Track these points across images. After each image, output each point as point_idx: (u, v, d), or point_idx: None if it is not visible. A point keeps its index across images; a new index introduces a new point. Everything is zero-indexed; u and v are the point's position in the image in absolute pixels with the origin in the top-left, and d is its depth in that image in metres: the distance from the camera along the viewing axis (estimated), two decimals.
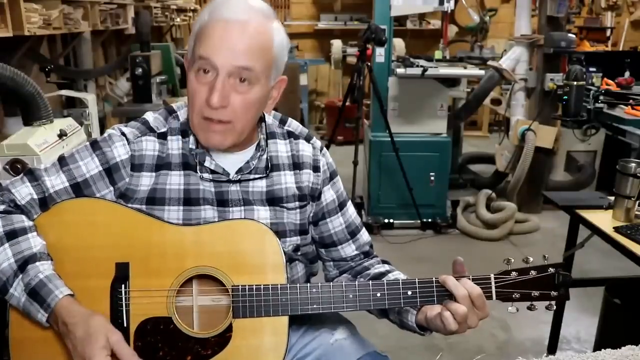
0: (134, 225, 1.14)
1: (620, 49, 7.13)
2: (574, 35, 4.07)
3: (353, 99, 3.73)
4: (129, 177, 1.17)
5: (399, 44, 5.07)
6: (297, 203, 1.25)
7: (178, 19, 5.73)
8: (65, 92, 2.81)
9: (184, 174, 1.18)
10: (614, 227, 1.90)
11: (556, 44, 3.91)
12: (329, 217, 1.31)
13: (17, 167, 1.79)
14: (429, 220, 3.94)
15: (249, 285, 1.11)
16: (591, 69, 4.21)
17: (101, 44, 4.43)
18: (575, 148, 4.32)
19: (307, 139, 1.30)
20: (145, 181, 1.17)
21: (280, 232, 1.21)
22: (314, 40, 7.47)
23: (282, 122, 1.30)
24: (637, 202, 1.95)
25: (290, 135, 1.29)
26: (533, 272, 1.13)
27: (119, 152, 1.17)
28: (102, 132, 2.55)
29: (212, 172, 1.19)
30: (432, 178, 3.89)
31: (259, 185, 1.22)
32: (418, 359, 2.51)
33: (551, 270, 1.13)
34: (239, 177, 1.20)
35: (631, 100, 3.80)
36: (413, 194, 3.73)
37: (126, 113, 3.33)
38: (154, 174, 1.18)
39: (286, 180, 1.24)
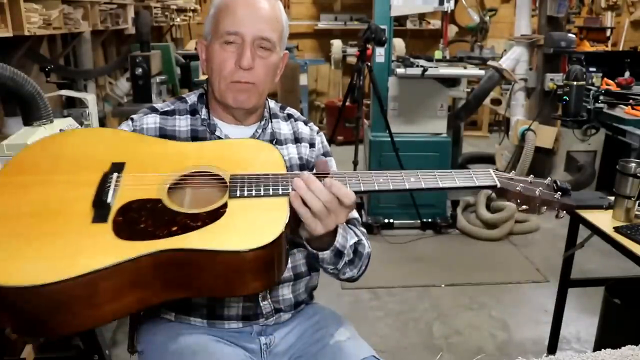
0: (137, 139, 1.20)
1: (620, 49, 7.14)
2: (574, 35, 4.08)
3: (353, 99, 3.73)
4: None
5: (399, 44, 5.07)
6: (299, 172, 1.28)
7: (178, 19, 5.73)
8: (65, 92, 2.80)
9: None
10: (614, 227, 1.90)
11: (556, 44, 3.92)
12: None
13: None
14: (429, 220, 3.94)
15: (248, 174, 1.10)
16: (591, 69, 4.22)
17: (101, 44, 4.43)
18: (575, 148, 4.32)
19: (305, 123, 1.43)
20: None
21: None
22: (314, 40, 7.46)
23: (282, 108, 1.43)
24: (637, 202, 1.95)
25: (290, 117, 1.42)
26: (531, 177, 1.15)
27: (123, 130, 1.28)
28: None
29: None
30: None
31: None
32: (418, 359, 2.51)
33: (547, 181, 1.15)
34: None
35: (631, 100, 3.81)
36: (413, 194, 3.73)
37: (126, 113, 3.32)
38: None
39: (289, 152, 1.35)
